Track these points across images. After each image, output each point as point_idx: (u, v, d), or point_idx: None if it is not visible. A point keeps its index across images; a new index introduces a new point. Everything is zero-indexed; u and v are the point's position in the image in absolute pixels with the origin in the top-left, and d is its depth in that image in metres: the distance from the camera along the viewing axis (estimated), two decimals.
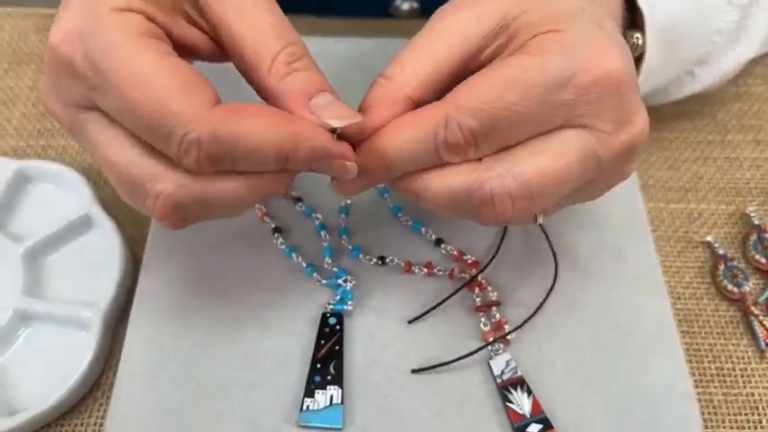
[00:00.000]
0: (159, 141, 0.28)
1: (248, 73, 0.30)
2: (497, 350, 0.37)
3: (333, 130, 0.29)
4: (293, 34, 0.30)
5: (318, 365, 0.36)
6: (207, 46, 0.32)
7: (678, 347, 0.37)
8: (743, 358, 0.40)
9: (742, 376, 0.39)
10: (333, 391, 0.35)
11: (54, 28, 0.30)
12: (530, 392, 0.35)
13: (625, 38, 0.37)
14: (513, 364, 0.36)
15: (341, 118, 0.29)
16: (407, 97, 0.31)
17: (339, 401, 0.35)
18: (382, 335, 0.37)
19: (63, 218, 0.41)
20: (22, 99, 0.50)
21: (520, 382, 0.35)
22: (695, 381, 0.39)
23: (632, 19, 0.40)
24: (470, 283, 0.38)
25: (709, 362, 0.40)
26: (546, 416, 0.35)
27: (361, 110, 0.31)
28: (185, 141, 0.27)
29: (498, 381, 0.36)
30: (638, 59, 0.39)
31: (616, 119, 0.30)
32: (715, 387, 0.39)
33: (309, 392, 0.35)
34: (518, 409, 0.35)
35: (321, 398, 0.35)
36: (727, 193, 0.46)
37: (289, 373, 0.36)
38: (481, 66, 0.30)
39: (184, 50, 0.31)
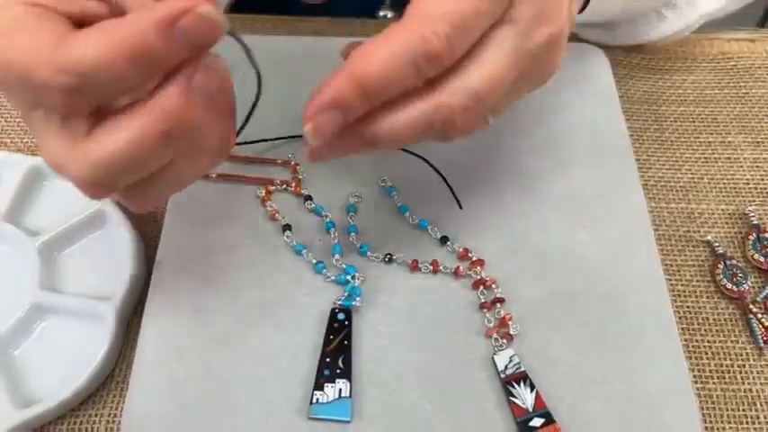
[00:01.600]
0: (33, 102, 0.28)
1: None
2: (501, 346, 0.37)
3: None
4: None
5: (328, 359, 0.37)
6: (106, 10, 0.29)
7: (678, 344, 0.38)
8: (741, 355, 0.40)
9: (740, 373, 0.40)
10: (342, 384, 0.36)
11: None
12: (533, 387, 0.36)
13: None
14: (516, 360, 0.37)
15: None
16: None
17: (348, 395, 0.36)
18: (389, 330, 0.38)
19: (77, 213, 0.42)
20: None
21: (523, 378, 0.36)
22: (695, 377, 0.39)
23: None
24: (476, 281, 0.39)
25: (708, 358, 0.40)
26: (548, 410, 0.35)
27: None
28: (43, 89, 0.26)
29: (502, 376, 0.36)
30: None
31: (537, 12, 0.31)
32: (714, 383, 0.39)
33: (319, 386, 0.36)
34: (521, 404, 0.36)
35: (330, 391, 0.36)
36: (727, 194, 0.47)
37: (299, 366, 0.37)
38: None
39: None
